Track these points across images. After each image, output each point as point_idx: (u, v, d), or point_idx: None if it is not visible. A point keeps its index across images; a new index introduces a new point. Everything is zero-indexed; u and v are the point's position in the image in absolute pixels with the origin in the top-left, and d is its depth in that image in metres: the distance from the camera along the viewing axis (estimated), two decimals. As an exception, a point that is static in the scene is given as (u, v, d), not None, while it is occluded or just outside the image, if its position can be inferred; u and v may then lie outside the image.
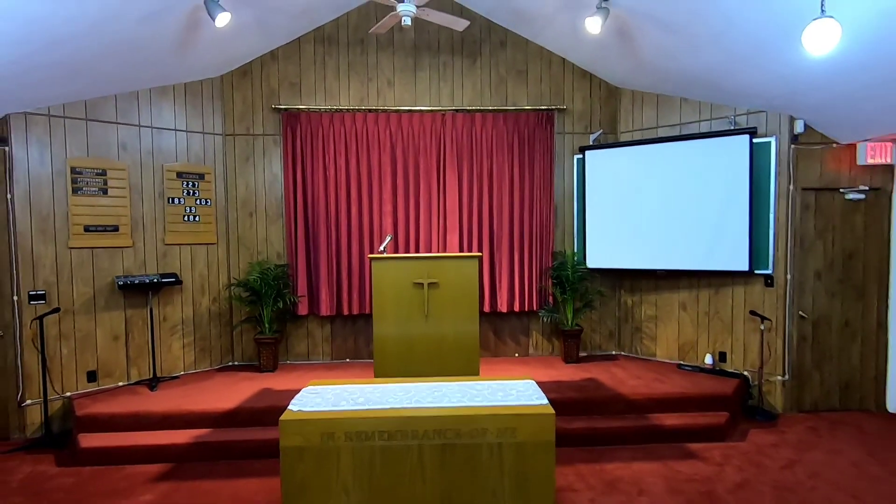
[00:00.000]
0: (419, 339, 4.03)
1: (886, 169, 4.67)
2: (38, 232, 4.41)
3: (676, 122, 5.29)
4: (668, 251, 5.19)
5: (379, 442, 2.59)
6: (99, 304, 4.72)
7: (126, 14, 3.77)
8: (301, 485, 2.57)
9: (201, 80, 5.27)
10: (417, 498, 2.59)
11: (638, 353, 5.68)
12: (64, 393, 4.52)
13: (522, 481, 2.60)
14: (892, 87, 3.67)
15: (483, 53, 5.56)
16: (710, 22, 3.87)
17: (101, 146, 4.71)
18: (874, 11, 3.03)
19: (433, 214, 5.53)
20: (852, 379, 4.85)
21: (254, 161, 5.50)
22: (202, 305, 5.33)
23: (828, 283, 4.80)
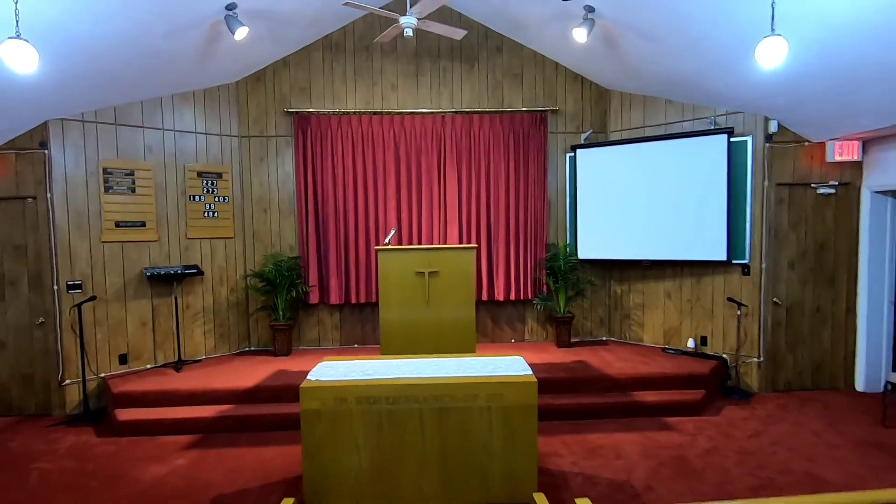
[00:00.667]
0: (421, 322, 4.44)
1: (855, 165, 5.02)
2: (74, 227, 4.85)
3: (662, 122, 5.66)
4: (653, 243, 5.57)
5: (385, 406, 3.00)
6: (129, 293, 5.17)
7: (154, 30, 4.19)
8: (319, 443, 2.99)
9: (218, 86, 5.68)
10: (418, 454, 3.01)
11: (626, 339, 6.08)
12: (99, 374, 4.98)
13: (509, 439, 3.02)
14: (849, 91, 4.03)
15: (480, 58, 5.94)
16: (686, 32, 4.23)
17: (129, 148, 5.14)
18: (824, 24, 3.39)
19: (434, 209, 5.93)
20: (823, 360, 5.23)
21: (267, 161, 5.91)
22: (221, 295, 5.76)
23: (800, 271, 5.17)
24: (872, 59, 3.54)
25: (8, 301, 4.82)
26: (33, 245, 4.78)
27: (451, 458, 3.03)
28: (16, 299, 4.82)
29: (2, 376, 4.85)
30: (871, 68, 3.64)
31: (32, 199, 4.75)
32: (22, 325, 4.83)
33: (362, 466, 3.00)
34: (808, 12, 3.35)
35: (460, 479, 3.04)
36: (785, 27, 3.43)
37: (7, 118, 4.44)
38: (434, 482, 3.04)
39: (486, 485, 3.05)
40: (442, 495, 3.04)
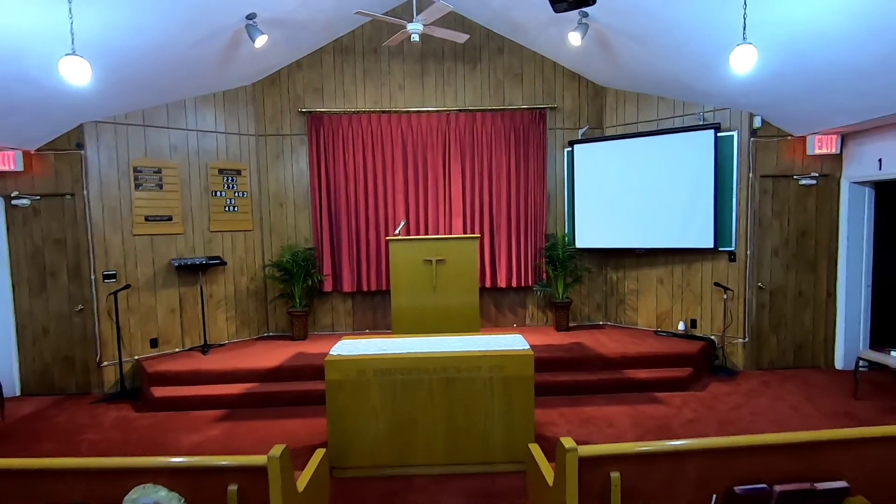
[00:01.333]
0: (429, 307, 4.84)
1: (835, 158, 5.35)
2: (108, 222, 5.26)
3: (654, 118, 5.99)
4: (646, 232, 5.92)
5: (399, 377, 3.40)
6: (158, 282, 5.59)
7: (182, 40, 4.56)
8: (341, 409, 3.40)
9: (237, 88, 6.05)
10: (428, 419, 3.41)
11: (622, 323, 6.45)
12: (132, 356, 5.41)
13: (508, 406, 3.41)
14: (822, 91, 4.36)
15: (483, 59, 6.27)
16: (672, 35, 4.56)
17: (156, 148, 5.54)
18: (793, 32, 3.73)
19: (439, 202, 6.30)
20: (805, 341, 5.59)
21: (283, 158, 6.30)
22: (242, 284, 6.18)
23: (783, 258, 5.51)
24: (840, 63, 3.87)
25: (49, 290, 5.25)
26: (72, 238, 5.20)
27: (456, 422, 3.43)
28: (57, 289, 5.25)
29: (45, 359, 5.29)
30: (840, 72, 3.97)
31: (70, 195, 5.16)
32: (62, 312, 5.27)
33: (379, 430, 3.41)
34: (779, 21, 3.68)
35: (465, 441, 3.44)
36: (758, 34, 3.77)
37: (47, 122, 4.84)
38: (442, 444, 3.44)
39: (488, 447, 3.45)
40: (449, 456, 3.44)
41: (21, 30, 3.51)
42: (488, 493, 3.23)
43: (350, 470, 3.42)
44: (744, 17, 3.48)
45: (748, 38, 3.81)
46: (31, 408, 4.92)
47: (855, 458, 2.20)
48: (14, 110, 4.39)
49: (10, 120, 4.50)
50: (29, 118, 4.61)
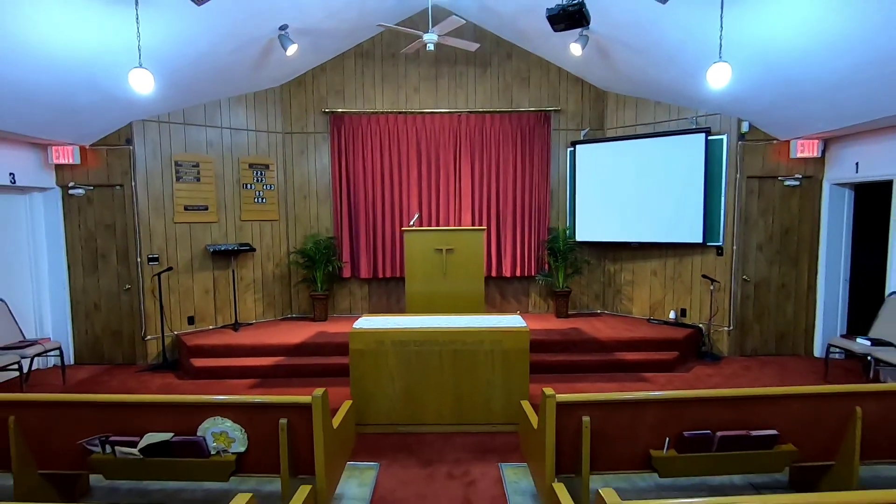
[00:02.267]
0: (439, 291, 5.37)
1: (817, 161, 5.76)
2: (152, 210, 5.86)
3: (651, 121, 6.43)
4: (641, 227, 6.39)
5: (413, 347, 3.94)
6: (195, 265, 6.19)
7: (222, 48, 5.11)
8: (362, 374, 3.95)
9: (266, 90, 6.61)
10: (438, 383, 3.95)
11: (618, 311, 6.94)
12: (172, 331, 6.02)
13: (507, 374, 3.93)
14: (799, 101, 4.79)
15: (492, 64, 6.75)
16: (663, 47, 5.01)
17: (194, 144, 6.12)
18: (767, 49, 4.17)
19: (450, 196, 6.82)
20: (786, 330, 6.03)
21: (307, 154, 6.85)
22: (268, 269, 6.76)
23: (768, 253, 5.95)
24: (812, 77, 4.30)
25: (100, 271, 5.87)
26: (121, 224, 5.81)
27: (462, 388, 3.96)
28: (107, 269, 5.87)
29: (96, 332, 5.92)
30: (813, 84, 4.40)
31: (120, 186, 5.76)
32: (112, 290, 5.89)
33: (396, 393, 3.96)
34: (756, 39, 4.13)
35: (469, 404, 3.98)
36: (741, 49, 4.22)
37: (102, 121, 5.43)
38: (449, 406, 3.98)
39: (489, 409, 3.98)
40: (455, 417, 3.99)
41: (91, 44, 4.07)
42: (487, 448, 3.77)
43: (370, 426, 3.98)
44: (720, 37, 3.93)
45: (733, 53, 4.29)
46: (86, 374, 5.55)
47: (784, 411, 2.70)
48: (76, 112, 4.98)
49: (71, 119, 5.09)
50: (87, 118, 5.21)
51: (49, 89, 4.40)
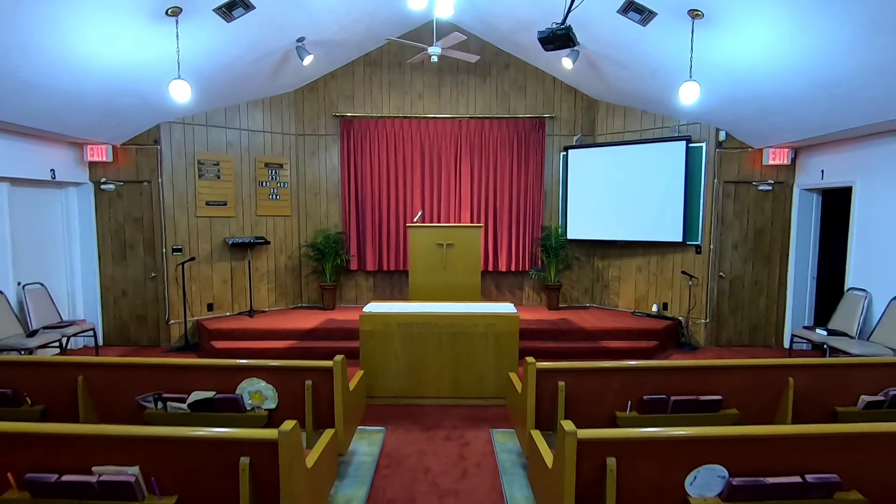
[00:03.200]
0: (440, 282, 5.89)
1: (788, 168, 6.27)
2: (177, 205, 6.37)
3: (638, 129, 6.94)
4: (628, 226, 6.90)
5: (416, 329, 4.45)
6: (214, 256, 6.70)
7: (245, 59, 5.62)
8: (371, 352, 4.46)
9: (281, 95, 7.11)
10: (438, 361, 4.46)
11: (605, 305, 7.46)
12: (193, 317, 6.54)
13: (498, 354, 4.45)
14: (767, 114, 5.30)
15: (492, 73, 7.26)
16: (646, 63, 5.52)
17: (215, 144, 6.63)
18: (734, 68, 4.69)
19: (451, 195, 7.33)
20: (759, 322, 6.55)
21: (318, 155, 7.36)
22: (281, 261, 7.28)
23: (742, 251, 6.47)
24: (776, 93, 4.81)
25: (128, 260, 6.38)
26: (148, 218, 6.32)
27: (459, 366, 4.48)
28: (134, 259, 6.38)
29: (123, 316, 6.44)
30: (777, 99, 4.92)
31: (147, 182, 6.27)
32: (138, 278, 6.40)
33: (399, 369, 4.47)
34: (725, 59, 4.64)
35: (465, 380, 4.49)
36: (713, 68, 4.74)
37: (133, 122, 5.94)
38: (447, 382, 4.50)
39: (482, 385, 4.50)
40: (452, 391, 4.50)
41: (131, 54, 4.57)
42: (480, 417, 4.29)
43: (377, 399, 4.50)
44: (690, 59, 4.44)
45: (706, 70, 4.80)
46: (115, 354, 6.06)
47: (729, 380, 3.22)
48: (112, 114, 5.49)
49: (107, 122, 5.60)
50: (121, 120, 5.72)
51: (91, 95, 4.91)
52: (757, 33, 4.16)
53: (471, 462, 3.54)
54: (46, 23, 3.71)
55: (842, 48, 3.81)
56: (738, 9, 4.00)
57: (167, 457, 2.19)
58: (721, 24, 4.25)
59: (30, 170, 5.37)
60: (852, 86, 4.17)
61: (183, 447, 2.18)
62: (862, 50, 3.72)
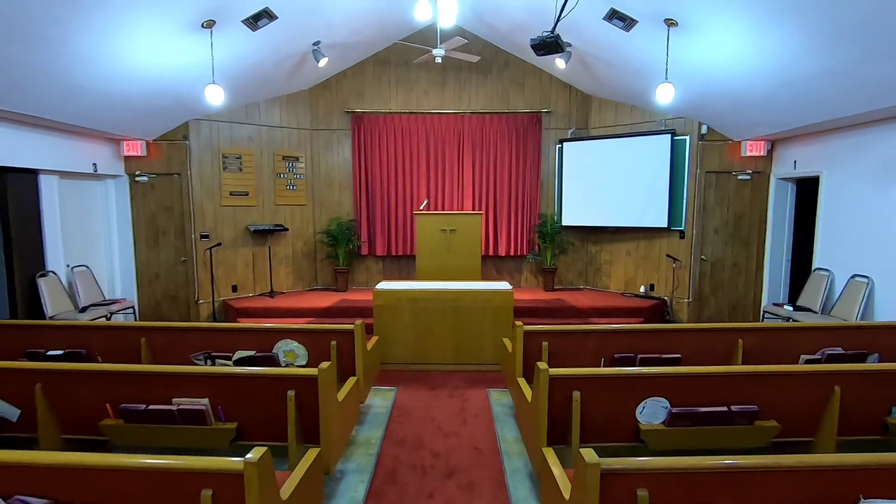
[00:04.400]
0: (444, 265, 6.48)
1: (766, 159, 6.78)
2: (204, 195, 6.98)
3: (628, 122, 7.46)
4: (618, 213, 7.45)
5: (422, 303, 5.06)
6: (237, 242, 7.33)
7: (267, 61, 6.19)
8: (384, 324, 5.08)
9: (297, 92, 7.68)
10: (442, 331, 5.07)
11: (597, 287, 8.04)
12: (219, 297, 7.18)
13: (495, 326, 5.05)
14: (740, 110, 5.82)
15: (492, 71, 7.79)
16: (630, 63, 6.04)
17: (237, 139, 7.22)
18: (707, 68, 5.21)
19: (454, 185, 7.90)
20: (738, 302, 7.11)
21: (331, 148, 7.94)
22: (298, 246, 7.90)
23: (722, 236, 7.01)
24: (745, 91, 5.33)
25: (161, 245, 7.02)
26: (178, 207, 6.94)
27: (460, 336, 5.09)
28: (166, 244, 7.02)
29: (156, 297, 7.09)
30: (748, 97, 5.43)
31: (177, 174, 6.89)
32: (170, 262, 7.04)
33: (408, 339, 5.09)
34: (697, 60, 5.16)
35: (466, 349, 5.10)
36: (686, 67, 5.25)
37: (165, 119, 6.53)
38: (450, 351, 5.11)
39: (481, 353, 5.11)
40: (455, 358, 5.11)
41: (168, 60, 5.15)
42: (479, 380, 4.90)
43: (389, 364, 5.12)
44: (666, 62, 4.97)
45: (684, 69, 5.33)
46: (151, 330, 6.72)
47: (688, 341, 3.81)
48: (149, 114, 6.09)
49: (143, 120, 6.21)
50: (155, 118, 6.32)
51: (133, 97, 5.50)
52: (724, 39, 4.68)
53: (470, 413, 4.16)
54: (105, 38, 4.29)
55: (798, 53, 4.33)
56: (706, 18, 4.51)
57: (230, 391, 2.82)
58: (693, 31, 4.77)
59: (75, 164, 5.99)
60: (811, 86, 4.69)
61: (243, 383, 2.80)
62: (814, 55, 4.24)
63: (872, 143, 5.18)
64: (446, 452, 3.49)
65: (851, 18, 3.60)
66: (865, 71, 4.08)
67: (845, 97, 4.63)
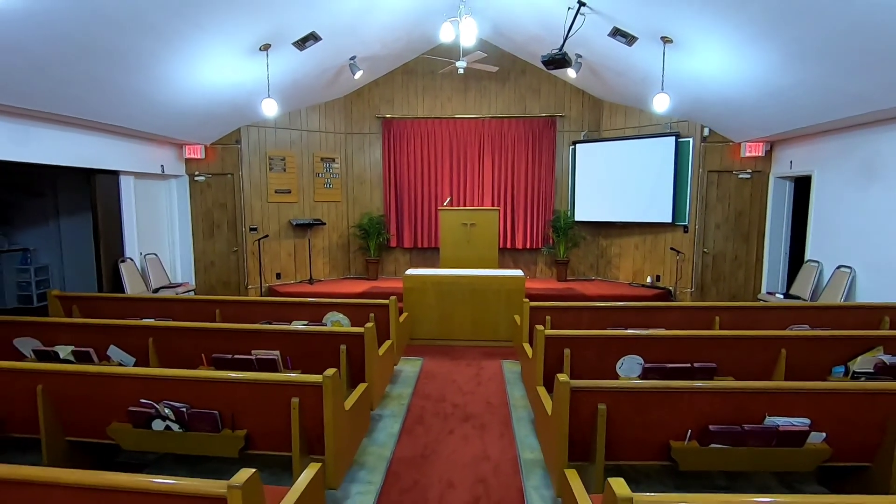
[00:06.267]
0: (464, 256, 7.23)
1: (765, 158, 7.29)
2: (253, 193, 7.90)
3: (636, 125, 8.06)
4: (626, 209, 8.06)
5: (445, 287, 5.81)
6: (281, 235, 8.22)
7: (310, 74, 7.03)
8: (412, 304, 5.85)
9: (333, 100, 8.53)
10: (462, 312, 5.81)
11: (607, 278, 8.66)
12: (266, 283, 8.09)
13: (508, 307, 5.76)
14: (735, 115, 6.38)
15: (510, 78, 8.48)
16: (635, 71, 6.65)
17: (281, 142, 8.11)
18: (699, 78, 5.80)
19: (475, 184, 8.63)
20: (738, 293, 7.64)
21: (364, 150, 8.77)
22: (333, 239, 8.76)
23: (724, 231, 7.55)
24: (737, 99, 5.91)
25: (216, 237, 7.97)
26: (231, 203, 7.87)
27: (478, 316, 5.83)
28: (220, 236, 7.96)
29: (211, 282, 8.05)
30: (740, 104, 6.01)
31: (230, 175, 7.81)
32: (223, 252, 7.99)
33: (433, 317, 5.86)
34: (692, 71, 5.76)
35: (483, 327, 5.84)
36: (685, 77, 5.86)
37: (220, 126, 7.45)
38: (469, 328, 5.86)
39: (496, 331, 5.83)
40: (473, 335, 5.86)
41: (231, 76, 6.03)
42: (493, 354, 5.64)
43: (416, 340, 5.90)
44: (662, 74, 5.59)
45: (682, 79, 5.93)
46: (208, 311, 7.66)
47: (671, 317, 4.45)
48: (209, 122, 7.01)
49: (204, 127, 7.13)
50: (214, 125, 7.24)
51: (197, 108, 6.41)
52: (713, 55, 5.28)
53: (484, 378, 4.90)
54: (184, 62, 5.18)
55: (775, 67, 4.91)
56: (696, 37, 5.12)
57: (296, 345, 3.63)
58: (686, 48, 5.38)
59: (147, 165, 6.95)
60: (790, 95, 5.25)
61: (307, 338, 3.61)
62: (788, 69, 4.81)
63: (855, 146, 5.69)
64: (464, 404, 4.25)
65: (814, 41, 4.19)
66: (833, 83, 4.65)
67: (819, 105, 5.18)
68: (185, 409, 2.73)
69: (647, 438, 2.59)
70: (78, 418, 2.82)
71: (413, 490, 3.00)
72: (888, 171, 5.22)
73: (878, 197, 5.36)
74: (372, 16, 6.30)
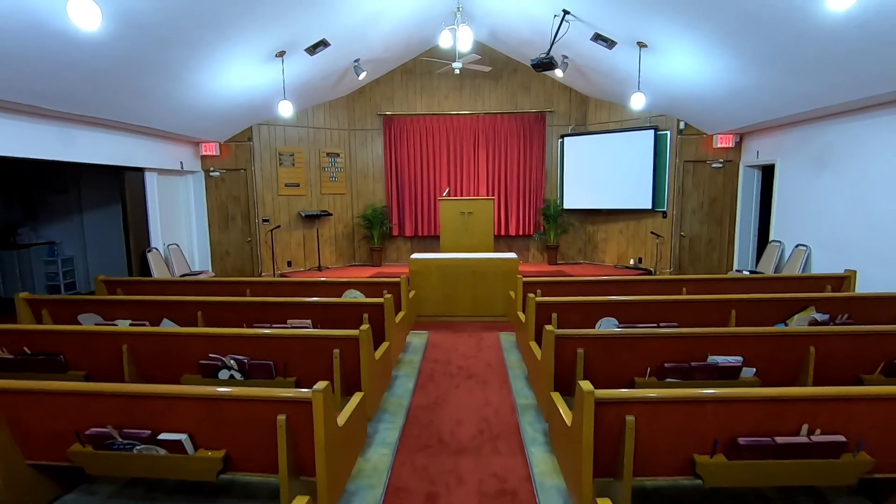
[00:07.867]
0: (462, 242, 7.88)
1: (735, 149, 7.99)
2: (265, 186, 8.48)
3: (620, 120, 8.72)
4: (611, 197, 8.74)
5: (448, 270, 6.47)
6: (291, 225, 8.83)
7: (317, 76, 7.62)
8: (418, 285, 6.50)
9: (338, 98, 9.10)
10: (462, 292, 6.47)
11: (594, 261, 9.36)
12: (278, 271, 8.71)
13: (504, 286, 6.43)
14: (707, 110, 7.06)
15: (503, 77, 9.09)
16: (617, 72, 7.30)
17: (290, 139, 8.69)
18: (671, 76, 6.47)
19: (470, 175, 9.27)
20: (713, 272, 8.36)
21: (366, 145, 9.37)
22: (339, 229, 9.37)
23: (699, 216, 8.26)
24: (709, 96, 6.58)
25: (230, 228, 8.55)
26: (244, 196, 8.45)
27: (478, 295, 6.50)
28: (235, 227, 8.55)
29: (227, 271, 8.64)
30: (711, 100, 6.68)
31: (243, 170, 8.39)
32: (238, 242, 8.58)
33: (437, 297, 6.52)
34: (667, 71, 6.42)
35: (481, 305, 6.51)
36: (660, 77, 6.52)
37: (234, 124, 8.02)
38: (469, 306, 6.53)
39: (493, 308, 6.51)
40: (473, 311, 6.53)
41: (248, 81, 6.60)
42: (491, 327, 6.31)
43: (423, 317, 6.56)
44: (638, 75, 6.25)
45: (658, 79, 6.59)
46: (225, 297, 8.26)
47: (646, 287, 5.14)
48: (226, 121, 7.58)
49: (220, 126, 7.70)
50: (229, 124, 7.81)
51: (216, 109, 6.98)
52: (685, 57, 5.94)
53: (484, 346, 5.58)
54: (209, 70, 5.76)
55: (736, 69, 5.58)
56: (668, 42, 5.78)
57: (326, 314, 4.27)
58: (660, 51, 6.04)
59: (168, 162, 7.52)
60: (751, 94, 5.93)
61: (335, 308, 4.26)
62: (746, 71, 5.49)
63: (810, 138, 6.39)
64: (467, 366, 4.92)
65: (766, 48, 4.86)
66: (785, 84, 5.33)
67: (775, 102, 5.87)
68: (246, 360, 3.38)
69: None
70: (155, 371, 3.45)
71: (429, 427, 3.67)
72: (837, 159, 5.93)
73: (828, 182, 6.07)
74: (378, 23, 6.88)
